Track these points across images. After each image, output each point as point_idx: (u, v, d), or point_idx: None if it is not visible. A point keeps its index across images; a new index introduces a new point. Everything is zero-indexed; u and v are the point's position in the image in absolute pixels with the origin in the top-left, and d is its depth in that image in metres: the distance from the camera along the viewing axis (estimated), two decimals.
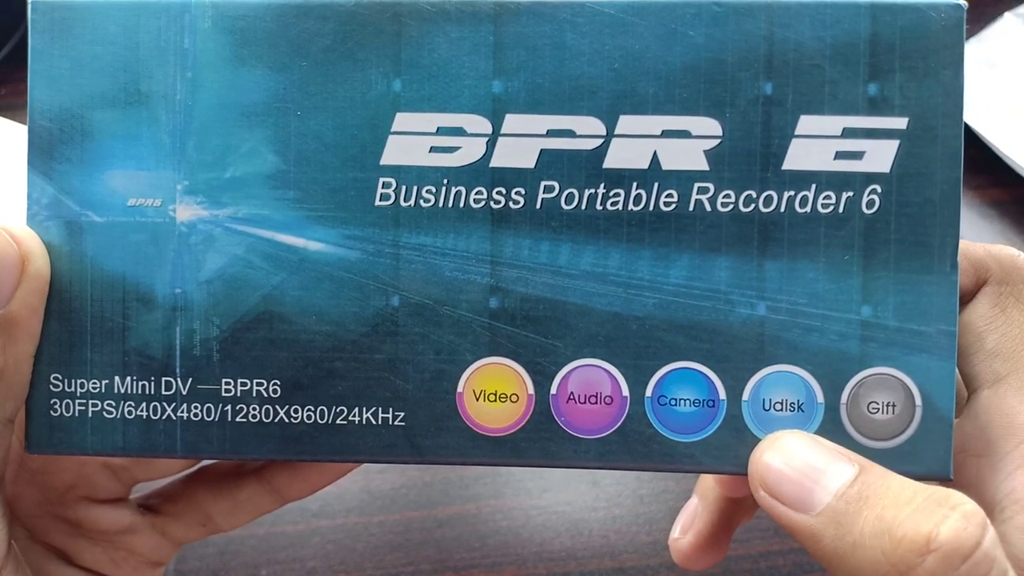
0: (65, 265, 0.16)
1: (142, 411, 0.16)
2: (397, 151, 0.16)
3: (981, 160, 0.40)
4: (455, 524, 0.31)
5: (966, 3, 0.16)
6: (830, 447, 0.15)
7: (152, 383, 0.16)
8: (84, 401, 0.16)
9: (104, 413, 0.16)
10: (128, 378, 0.16)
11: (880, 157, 0.16)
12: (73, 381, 0.16)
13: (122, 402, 0.16)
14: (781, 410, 0.16)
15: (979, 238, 0.35)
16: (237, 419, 0.16)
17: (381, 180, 0.16)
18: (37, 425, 0.16)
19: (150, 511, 0.20)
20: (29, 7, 0.16)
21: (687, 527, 0.20)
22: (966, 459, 0.16)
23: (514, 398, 0.16)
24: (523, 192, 0.16)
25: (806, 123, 0.16)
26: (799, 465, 0.15)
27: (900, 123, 0.16)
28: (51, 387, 0.16)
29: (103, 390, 0.16)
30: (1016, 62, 0.42)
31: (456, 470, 0.31)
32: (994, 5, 0.43)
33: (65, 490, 0.19)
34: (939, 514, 0.13)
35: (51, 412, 0.16)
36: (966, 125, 0.35)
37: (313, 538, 0.31)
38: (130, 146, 0.16)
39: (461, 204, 0.16)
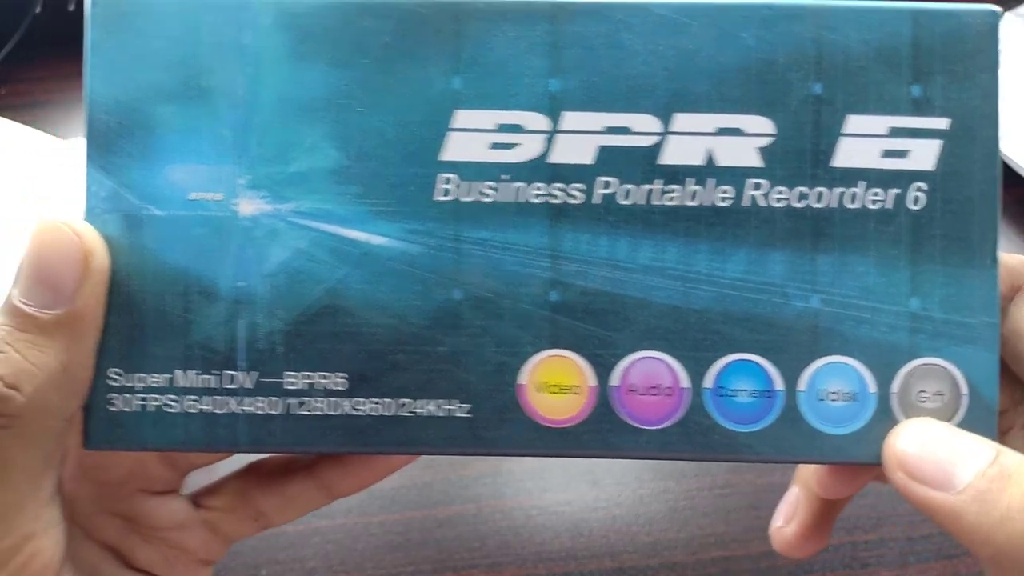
0: (125, 259, 0.16)
1: (205, 405, 0.16)
2: (457, 147, 0.16)
3: None
4: (455, 524, 0.31)
5: (1001, 10, 0.16)
6: (964, 433, 0.15)
7: (215, 377, 0.16)
8: (144, 396, 0.16)
9: (165, 408, 0.16)
10: (190, 372, 0.16)
11: (924, 156, 0.16)
12: (133, 376, 0.16)
13: (184, 396, 0.16)
14: (836, 400, 0.16)
15: None
16: (302, 412, 0.16)
17: (441, 176, 0.16)
18: (96, 421, 0.16)
19: (202, 507, 0.19)
20: (88, 1, 0.16)
21: (789, 516, 0.20)
22: None
23: (576, 390, 0.16)
24: (581, 187, 0.16)
25: (854, 122, 0.16)
26: (938, 447, 0.15)
27: (942, 123, 0.16)
28: (110, 382, 0.16)
29: (165, 384, 0.16)
30: (1016, 62, 0.41)
31: (456, 470, 0.31)
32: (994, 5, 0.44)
33: (120, 484, 0.18)
34: None
35: (109, 407, 0.16)
36: None
37: (313, 538, 0.30)
38: (190, 140, 0.16)
39: (520, 199, 0.16)
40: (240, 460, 0.20)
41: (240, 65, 0.16)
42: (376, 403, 0.16)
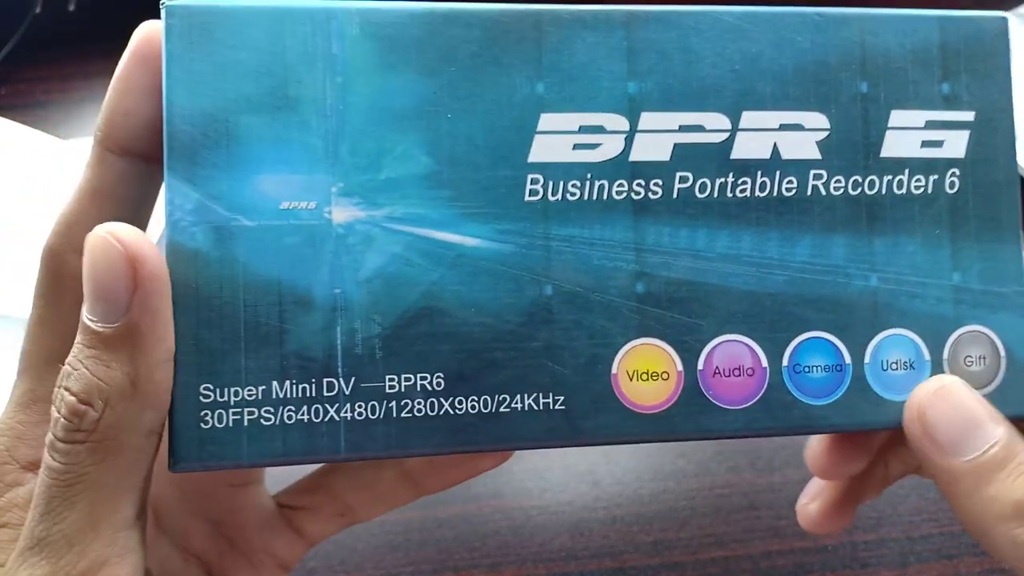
0: (215, 271, 0.16)
1: (303, 415, 0.16)
2: (543, 149, 0.17)
3: None
4: (455, 524, 0.30)
5: (1008, 15, 0.18)
6: (987, 404, 0.16)
7: (313, 385, 0.16)
8: (239, 410, 0.16)
9: (262, 420, 0.16)
10: (287, 382, 0.16)
11: (956, 145, 0.18)
12: (226, 390, 0.16)
13: (281, 407, 0.16)
14: (897, 369, 0.17)
15: None
16: (403, 414, 0.16)
17: (530, 177, 0.17)
18: (185, 440, 0.15)
19: (286, 507, 0.19)
20: (164, 11, 0.16)
21: (814, 495, 0.21)
22: None
23: (665, 376, 0.17)
24: (660, 183, 0.17)
25: (897, 117, 0.18)
26: (961, 411, 0.16)
27: (969, 116, 0.18)
28: (201, 399, 0.15)
29: (260, 397, 0.16)
30: (1017, 62, 0.44)
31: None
32: (994, 5, 0.43)
33: (206, 477, 0.18)
34: None
35: (201, 425, 0.15)
36: None
37: None
38: (280, 150, 0.16)
39: (605, 196, 0.17)
40: None
41: (329, 74, 0.16)
42: (475, 400, 0.16)
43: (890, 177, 0.18)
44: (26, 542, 0.15)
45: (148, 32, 0.16)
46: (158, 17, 0.16)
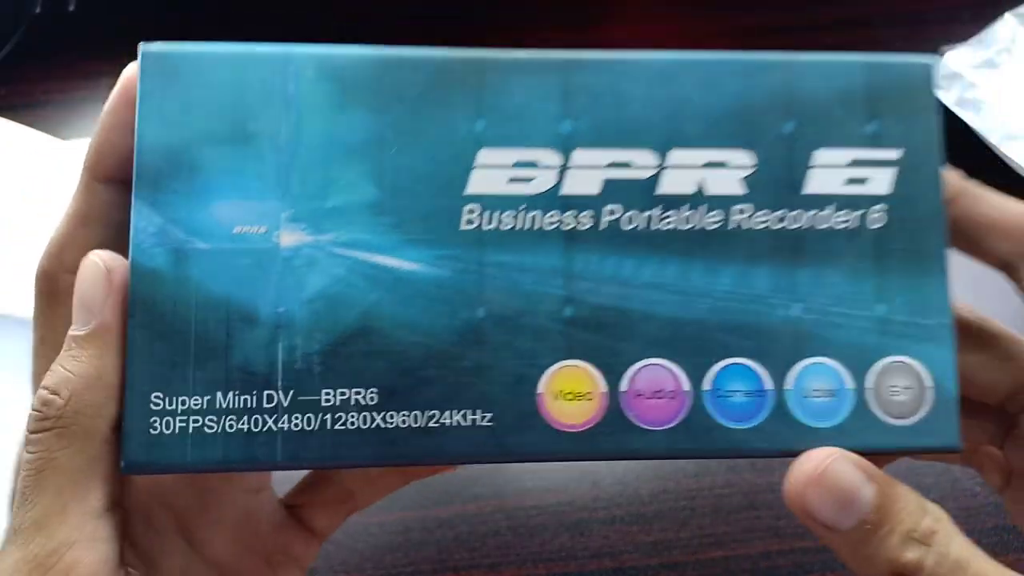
0: (170, 289, 0.17)
1: (243, 424, 0.17)
2: (480, 182, 0.18)
3: (981, 160, 0.39)
4: (455, 524, 0.30)
5: (934, 60, 0.19)
6: (859, 472, 0.17)
7: (254, 397, 0.17)
8: (185, 418, 0.17)
9: (205, 428, 0.17)
10: (230, 393, 0.17)
11: (882, 181, 0.19)
12: (175, 399, 0.17)
13: (223, 417, 0.17)
14: (819, 396, 0.18)
15: None
16: (337, 427, 0.17)
17: (467, 207, 0.18)
18: (135, 444, 0.17)
19: (294, 507, 0.21)
20: (140, 55, 0.18)
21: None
22: None
23: (589, 396, 0.18)
24: (590, 215, 0.18)
25: (821, 155, 0.18)
26: (836, 493, 0.16)
27: (895, 154, 0.19)
28: (152, 406, 0.17)
29: (204, 406, 0.17)
30: (1017, 62, 0.41)
31: (456, 470, 0.31)
32: (994, 5, 0.43)
33: (223, 481, 0.20)
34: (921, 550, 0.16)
35: (151, 431, 0.17)
36: (967, 125, 0.38)
37: None
38: (236, 180, 0.17)
39: (537, 226, 0.18)
40: None
41: (284, 112, 0.18)
42: (405, 415, 0.17)
43: (814, 212, 0.18)
44: (5, 535, 0.16)
45: (131, 74, 0.18)
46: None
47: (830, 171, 0.18)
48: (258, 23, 0.47)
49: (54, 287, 0.18)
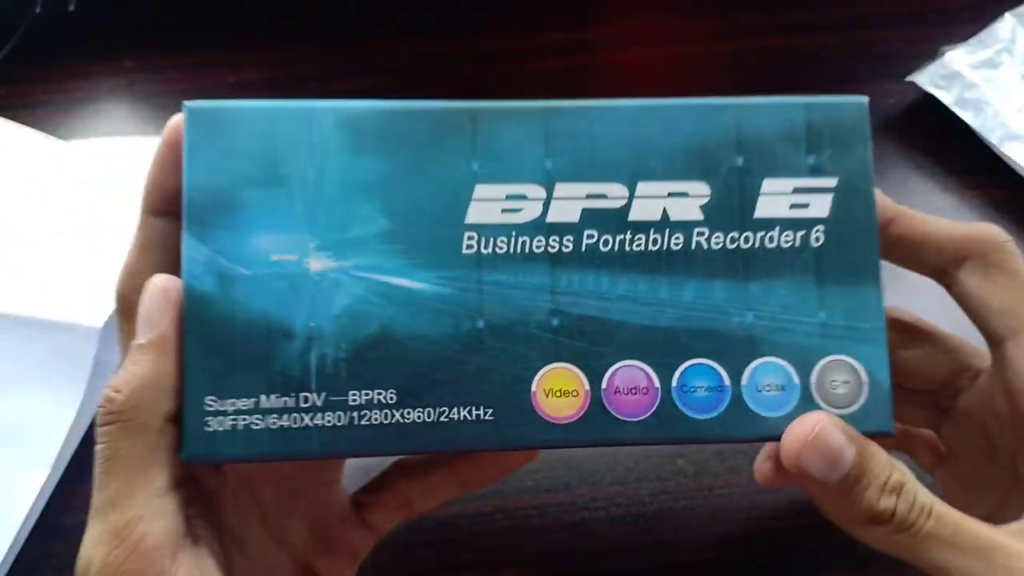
0: (218, 309, 0.20)
1: (284, 421, 0.20)
2: (477, 213, 0.21)
3: (981, 160, 0.40)
4: (455, 524, 0.30)
5: (867, 99, 0.22)
6: (842, 436, 0.20)
7: (292, 398, 0.20)
8: (235, 417, 0.20)
9: (252, 425, 0.20)
10: (272, 395, 0.20)
11: (821, 206, 0.22)
12: (226, 401, 0.20)
13: (267, 415, 0.20)
14: (770, 391, 0.21)
15: None
16: (362, 422, 0.20)
17: (466, 234, 0.21)
18: (193, 440, 0.20)
19: (358, 504, 0.24)
20: (185, 110, 0.21)
21: (769, 456, 0.24)
22: (1010, 399, 0.22)
23: (574, 393, 0.21)
24: (571, 239, 0.21)
25: (768, 184, 0.22)
26: (826, 451, 0.19)
27: (832, 182, 0.22)
28: (206, 407, 0.20)
29: (251, 407, 0.20)
30: (1016, 62, 0.41)
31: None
32: (994, 5, 0.43)
33: (301, 470, 0.23)
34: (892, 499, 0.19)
35: (206, 428, 0.20)
36: (967, 125, 0.39)
37: None
38: (271, 216, 0.21)
39: (526, 250, 0.21)
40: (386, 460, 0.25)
41: (310, 157, 0.21)
42: (420, 412, 0.20)
43: (762, 233, 0.21)
44: (91, 513, 0.19)
45: (175, 123, 0.21)
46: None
47: (776, 198, 0.22)
48: (257, 23, 0.47)
49: (128, 306, 0.21)
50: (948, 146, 0.41)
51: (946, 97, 0.40)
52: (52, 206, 0.38)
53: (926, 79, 0.41)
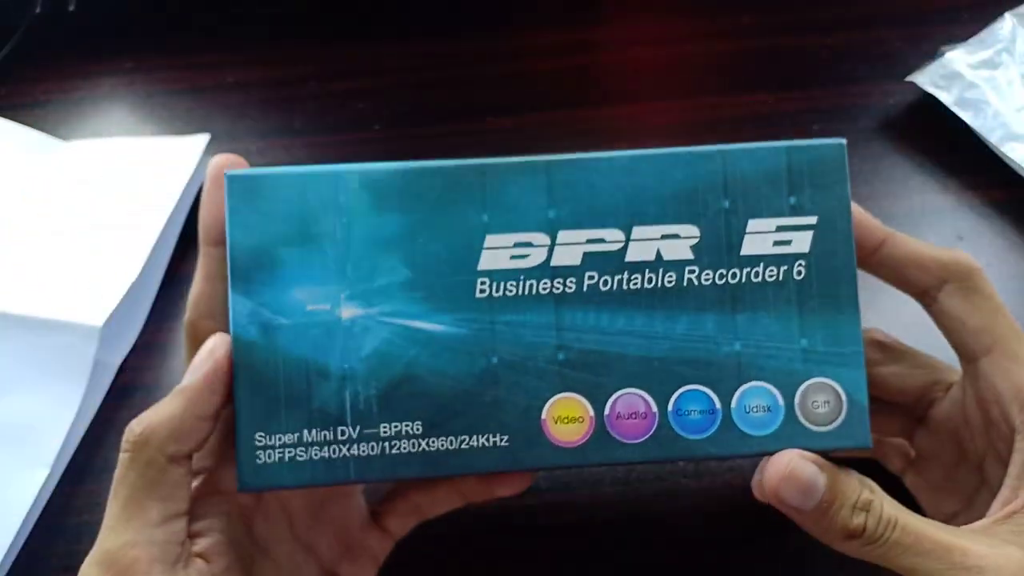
0: (263, 355, 0.23)
1: (324, 452, 0.23)
2: (488, 260, 0.23)
3: (981, 160, 0.40)
4: (456, 524, 0.29)
5: (844, 141, 0.24)
6: (813, 466, 0.22)
7: (331, 431, 0.23)
8: (281, 450, 0.23)
9: (297, 457, 0.23)
10: (313, 430, 0.23)
11: (802, 242, 0.24)
12: (273, 436, 0.23)
13: (309, 448, 0.23)
14: (757, 412, 0.23)
15: (979, 238, 0.38)
16: (393, 451, 0.23)
17: (479, 280, 0.23)
18: (246, 472, 0.23)
19: (376, 512, 0.27)
20: (226, 179, 0.23)
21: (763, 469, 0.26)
22: (982, 409, 0.24)
23: (580, 420, 0.23)
24: (574, 280, 0.24)
25: (753, 224, 0.24)
26: (802, 484, 0.22)
27: (812, 220, 0.24)
28: (256, 442, 0.23)
29: (295, 440, 0.23)
30: (1016, 62, 0.41)
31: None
32: (994, 5, 0.43)
33: (326, 494, 0.27)
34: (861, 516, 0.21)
35: (256, 460, 0.23)
36: (967, 125, 0.39)
37: None
38: (306, 270, 0.23)
39: (533, 292, 0.23)
40: None
41: (338, 216, 0.23)
42: (443, 440, 0.23)
43: (748, 269, 0.24)
44: (101, 527, 0.22)
45: (217, 162, 0.24)
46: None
47: (760, 236, 0.24)
48: (257, 23, 0.47)
49: (194, 331, 0.24)
50: (948, 146, 0.41)
51: (946, 97, 0.40)
52: (52, 206, 0.38)
53: (926, 79, 0.41)
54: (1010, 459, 0.23)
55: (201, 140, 0.41)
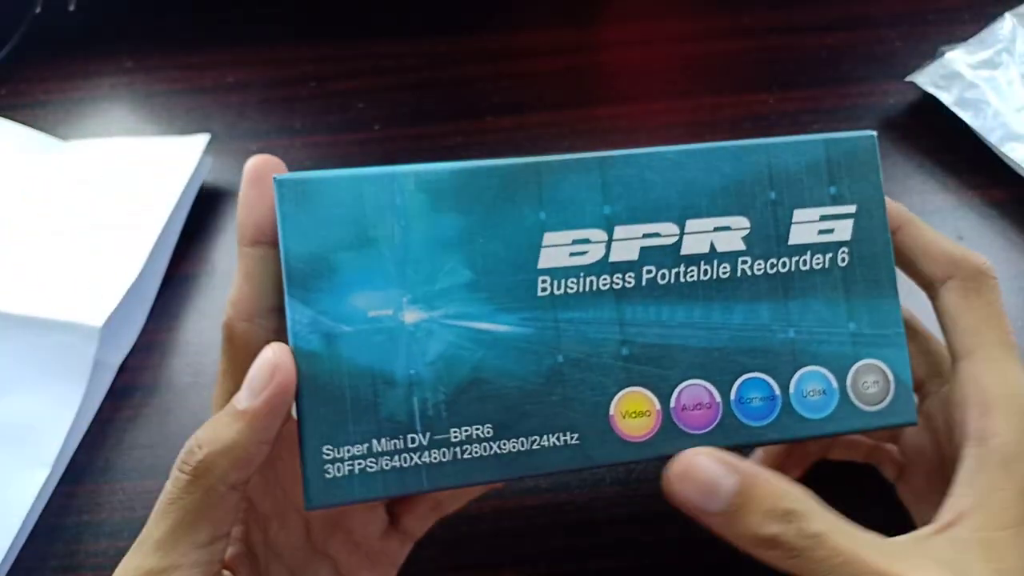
0: (327, 365, 0.22)
1: (395, 462, 0.22)
2: (548, 258, 0.23)
3: (981, 160, 0.40)
4: (455, 524, 0.30)
5: (875, 133, 0.25)
6: (719, 465, 0.20)
7: (401, 440, 0.22)
8: (351, 462, 0.22)
9: (368, 468, 0.22)
10: (382, 439, 0.22)
11: (844, 230, 0.25)
12: (341, 448, 0.22)
13: (379, 458, 0.22)
14: (814, 396, 0.24)
15: (979, 238, 0.38)
16: (465, 456, 0.23)
17: (540, 278, 0.23)
18: (314, 488, 0.22)
19: (393, 513, 0.26)
20: (275, 184, 0.23)
21: (762, 459, 0.27)
22: (951, 411, 0.24)
23: (648, 414, 0.23)
24: (632, 275, 0.24)
25: (799, 214, 0.25)
26: (700, 484, 0.20)
27: (852, 208, 0.25)
28: (324, 456, 0.22)
29: (364, 452, 0.22)
30: (1016, 62, 0.41)
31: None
32: (994, 5, 0.43)
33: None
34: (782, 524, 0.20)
35: (325, 476, 0.22)
36: (967, 125, 0.40)
37: None
38: (365, 275, 0.23)
39: (594, 288, 0.24)
40: None
41: (395, 218, 0.23)
42: (514, 442, 0.23)
43: (797, 258, 0.24)
44: (137, 540, 0.21)
45: (255, 162, 0.23)
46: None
47: (806, 226, 0.24)
48: (257, 23, 0.47)
49: (232, 333, 0.23)
50: (948, 146, 0.41)
51: (946, 97, 0.40)
52: (52, 206, 0.38)
53: (926, 79, 0.41)
54: (959, 467, 0.22)
55: (201, 140, 0.41)
